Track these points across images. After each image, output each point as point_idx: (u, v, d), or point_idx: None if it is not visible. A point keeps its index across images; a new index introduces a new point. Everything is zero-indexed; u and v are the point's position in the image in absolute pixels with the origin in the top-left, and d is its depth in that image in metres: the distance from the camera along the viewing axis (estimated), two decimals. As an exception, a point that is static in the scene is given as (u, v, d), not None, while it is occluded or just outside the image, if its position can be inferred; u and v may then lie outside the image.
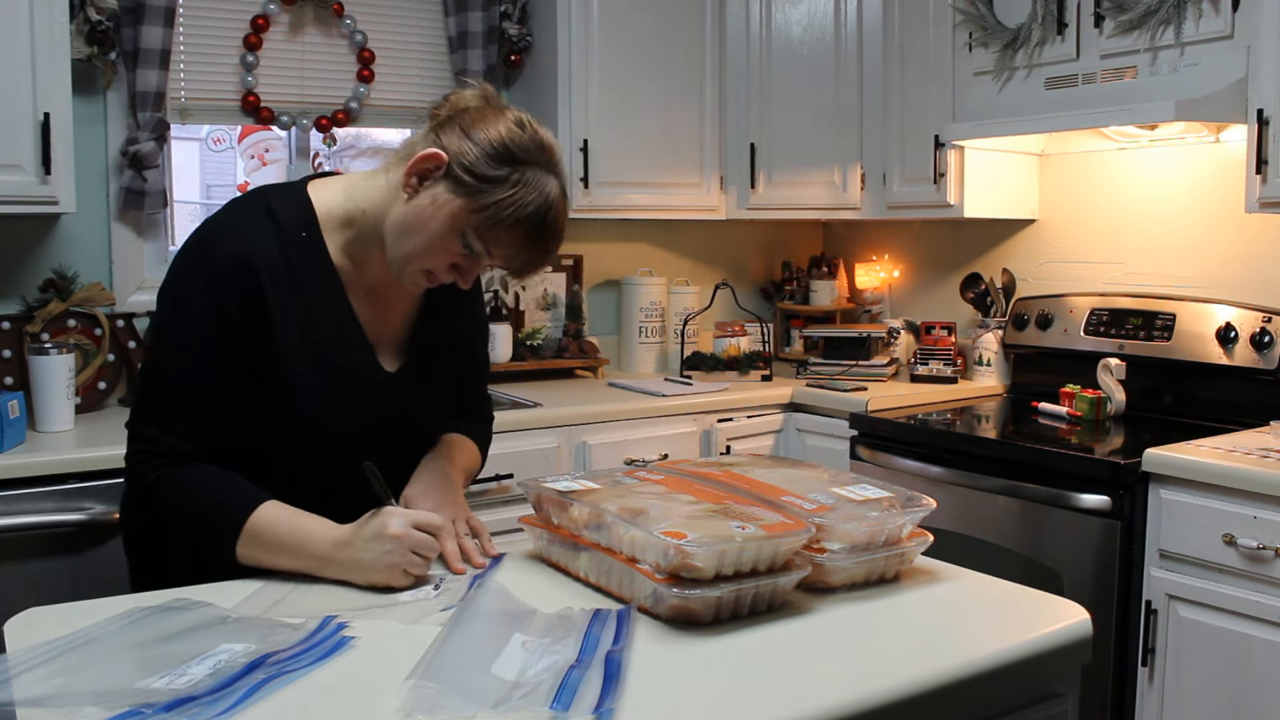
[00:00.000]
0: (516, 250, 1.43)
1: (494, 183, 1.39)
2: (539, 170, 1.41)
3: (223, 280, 1.41)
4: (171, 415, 1.43)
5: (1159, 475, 2.35)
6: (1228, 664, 2.24)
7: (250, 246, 1.43)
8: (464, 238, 1.42)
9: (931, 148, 3.20)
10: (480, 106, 1.46)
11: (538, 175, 1.41)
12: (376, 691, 1.08)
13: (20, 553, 2.19)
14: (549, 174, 1.42)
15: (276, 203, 1.49)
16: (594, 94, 3.28)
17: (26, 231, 2.78)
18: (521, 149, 1.40)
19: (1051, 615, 1.33)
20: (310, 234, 1.48)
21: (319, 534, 1.39)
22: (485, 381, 1.83)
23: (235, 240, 1.44)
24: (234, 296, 1.41)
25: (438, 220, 1.41)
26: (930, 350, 3.42)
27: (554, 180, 1.42)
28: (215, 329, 1.41)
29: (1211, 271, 2.94)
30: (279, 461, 1.48)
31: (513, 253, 1.43)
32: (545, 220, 1.42)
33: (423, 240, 1.43)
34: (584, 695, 1.04)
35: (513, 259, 1.45)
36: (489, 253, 1.43)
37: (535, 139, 1.42)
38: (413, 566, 1.36)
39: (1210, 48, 2.58)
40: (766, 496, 1.42)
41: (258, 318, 1.42)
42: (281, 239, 1.45)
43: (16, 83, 2.41)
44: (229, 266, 1.42)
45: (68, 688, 1.04)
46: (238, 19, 3.05)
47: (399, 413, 1.56)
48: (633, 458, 2.96)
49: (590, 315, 3.62)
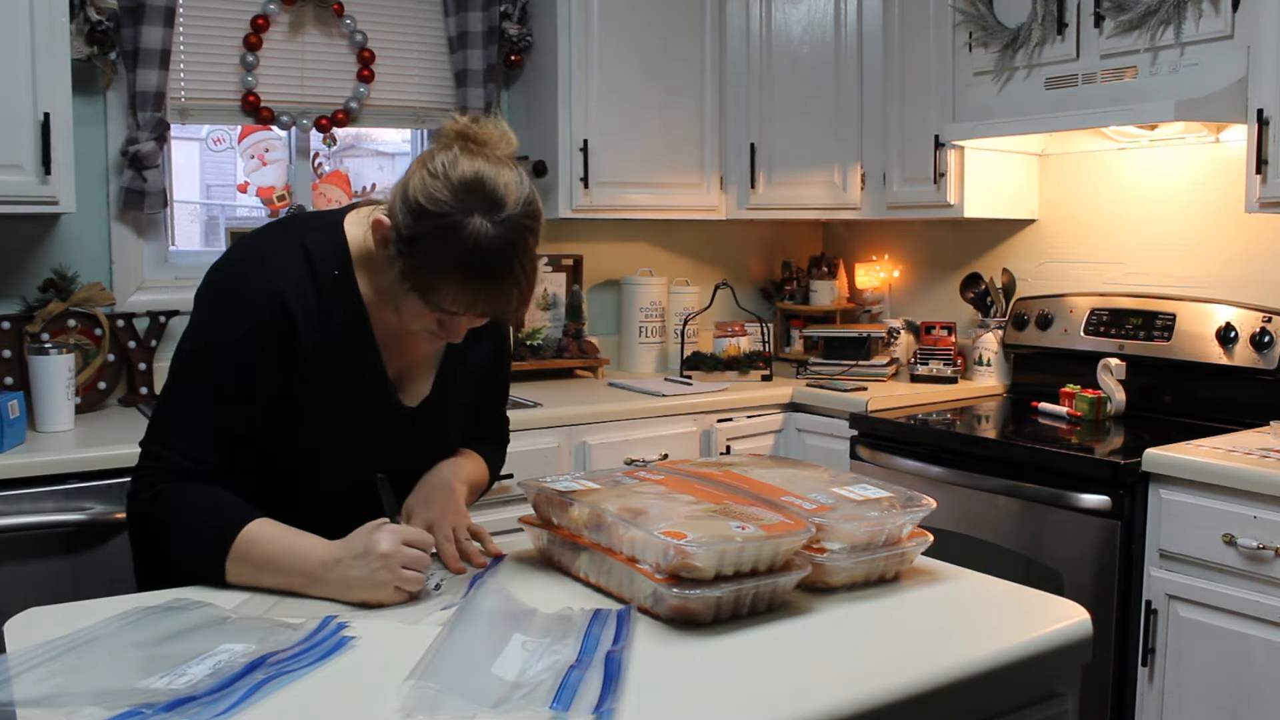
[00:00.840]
0: (466, 299, 1.36)
1: (414, 243, 1.34)
2: (458, 215, 1.32)
3: (255, 317, 1.41)
4: (183, 437, 1.43)
5: (1159, 475, 2.35)
6: (1228, 664, 2.24)
7: (284, 286, 1.43)
8: (425, 301, 1.38)
9: (931, 148, 3.20)
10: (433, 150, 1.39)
11: (456, 221, 1.32)
12: (376, 691, 1.08)
13: (20, 553, 2.19)
14: (470, 214, 1.32)
15: (311, 237, 1.48)
16: (594, 94, 3.28)
17: (26, 231, 2.78)
18: (434, 200, 1.33)
19: (1051, 615, 1.33)
20: (343, 272, 1.47)
21: (308, 552, 1.37)
22: (504, 404, 1.82)
23: (272, 277, 1.43)
24: (265, 335, 1.42)
25: (402, 291, 1.39)
26: (930, 350, 3.42)
27: (477, 219, 1.32)
28: (243, 364, 1.42)
29: (1211, 271, 2.94)
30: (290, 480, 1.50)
31: (464, 302, 1.37)
32: (473, 264, 1.33)
33: (399, 306, 1.43)
34: (584, 695, 1.04)
35: (486, 307, 1.38)
36: (459, 309, 1.38)
37: (450, 184, 1.33)
38: (404, 583, 1.33)
39: (1210, 48, 2.58)
40: (766, 496, 1.42)
41: (285, 358, 1.43)
42: (315, 277, 1.45)
43: (16, 83, 2.41)
44: (262, 305, 1.42)
45: (68, 688, 1.04)
46: (238, 19, 3.05)
47: (414, 449, 1.58)
48: (633, 458, 2.96)
49: (590, 315, 3.62)
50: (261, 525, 1.40)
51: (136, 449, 1.48)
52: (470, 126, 1.40)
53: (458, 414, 1.65)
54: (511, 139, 1.42)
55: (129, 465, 1.52)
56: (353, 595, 1.34)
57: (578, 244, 3.64)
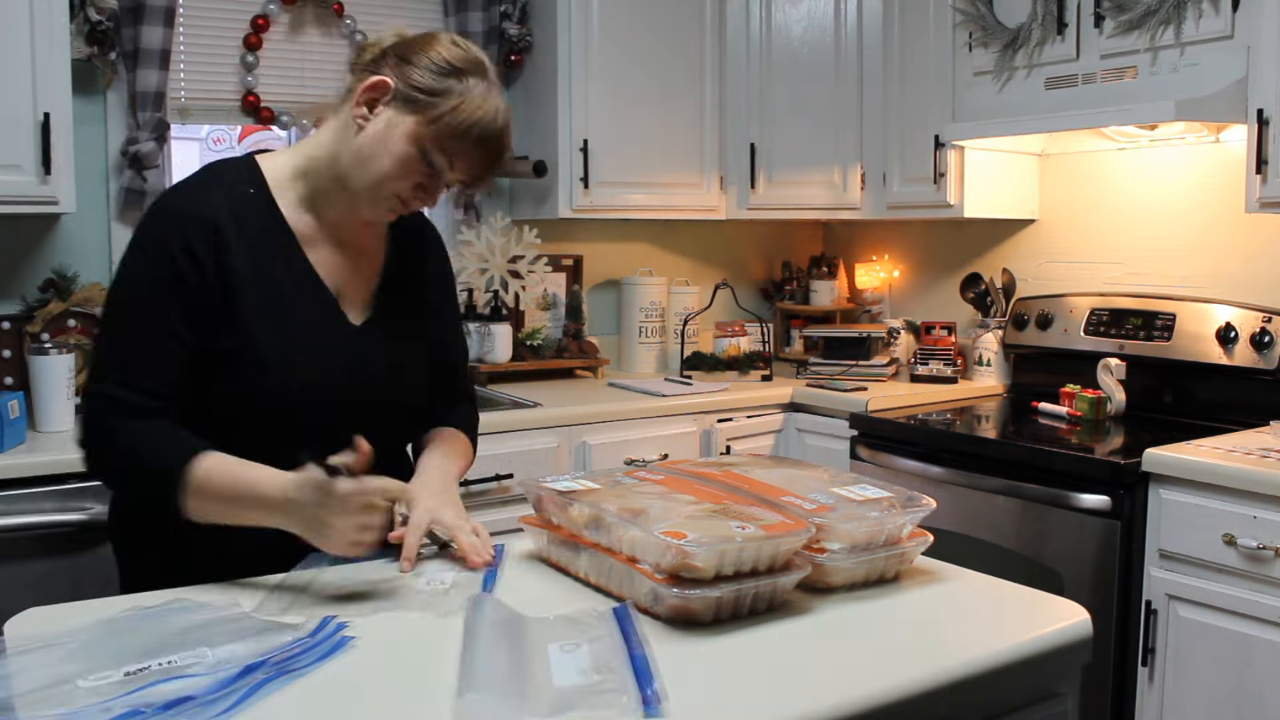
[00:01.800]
0: (475, 158, 1.47)
1: (444, 95, 1.45)
2: (481, 80, 1.47)
3: (174, 237, 1.42)
4: (128, 371, 1.41)
5: (1159, 475, 2.35)
6: (1228, 664, 2.24)
7: (199, 205, 1.45)
8: (424, 154, 1.45)
9: (931, 148, 3.20)
10: (406, 38, 1.51)
11: (482, 85, 1.47)
12: (376, 691, 1.08)
13: (20, 553, 2.19)
14: (491, 84, 1.49)
15: (222, 168, 1.54)
16: (594, 94, 3.28)
17: (26, 231, 2.78)
18: (463, 62, 1.47)
19: (1051, 615, 1.33)
20: (258, 189, 1.50)
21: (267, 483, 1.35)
22: (463, 355, 1.80)
23: (185, 202, 1.47)
24: (185, 251, 1.42)
25: (394, 140, 1.45)
26: (930, 350, 3.42)
27: (496, 90, 1.49)
28: (169, 283, 1.41)
29: (1211, 271, 2.94)
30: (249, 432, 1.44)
31: (471, 162, 1.48)
32: (496, 125, 1.47)
33: (384, 163, 1.46)
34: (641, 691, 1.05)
35: (472, 169, 1.49)
36: (450, 165, 1.47)
37: (472, 55, 1.49)
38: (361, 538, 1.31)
39: (1210, 48, 2.58)
40: (766, 496, 1.42)
41: (212, 272, 1.43)
42: (231, 199, 1.47)
43: (16, 83, 2.41)
44: (179, 225, 1.43)
45: (67, 687, 1.04)
46: (238, 19, 3.05)
47: (369, 369, 1.54)
48: (633, 458, 2.96)
49: (590, 315, 3.62)
50: (213, 458, 1.38)
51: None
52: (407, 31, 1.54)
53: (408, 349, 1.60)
54: None
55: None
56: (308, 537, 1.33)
57: (578, 244, 3.64)
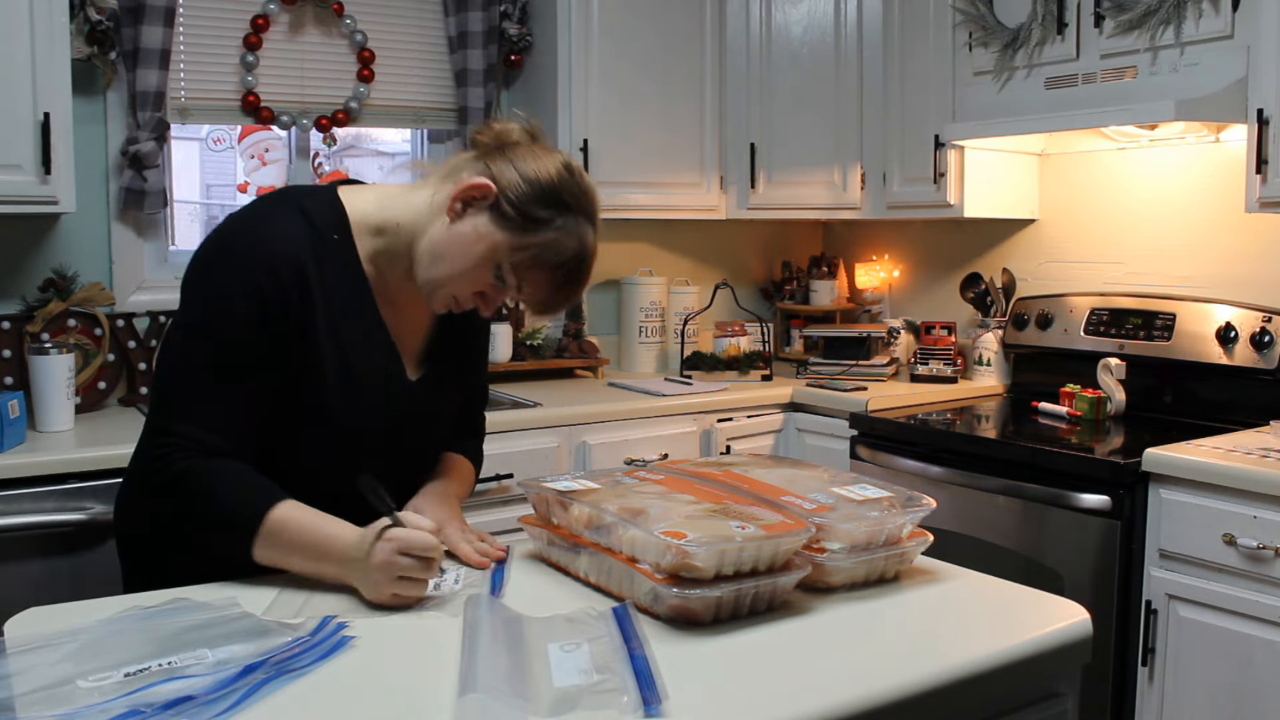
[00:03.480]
0: (548, 292, 1.45)
1: (539, 224, 1.41)
2: (581, 219, 1.43)
3: (260, 274, 1.39)
4: (203, 411, 1.39)
5: (1159, 475, 2.35)
6: (1228, 664, 2.24)
7: (288, 245, 1.41)
8: (498, 270, 1.42)
9: (931, 148, 3.20)
10: (528, 143, 1.46)
11: (579, 224, 1.43)
12: (376, 691, 1.08)
13: (20, 553, 2.19)
14: (588, 223, 1.44)
15: (309, 203, 1.47)
16: (594, 94, 3.28)
17: (26, 231, 2.78)
18: (569, 194, 1.42)
19: (1051, 615, 1.34)
20: (342, 236, 1.47)
21: (339, 538, 1.36)
22: (485, 394, 1.84)
23: (271, 235, 1.42)
24: (273, 290, 1.39)
25: (477, 250, 1.41)
26: (930, 350, 3.42)
27: (591, 230, 1.44)
28: (254, 323, 1.39)
29: (1211, 271, 2.94)
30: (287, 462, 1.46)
31: (543, 294, 1.45)
32: (580, 268, 1.44)
33: (458, 267, 1.43)
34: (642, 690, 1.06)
35: (540, 299, 1.46)
36: (519, 289, 1.44)
37: (581, 186, 1.44)
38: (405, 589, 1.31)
39: (1210, 48, 2.58)
40: (766, 496, 1.42)
41: (295, 313, 1.41)
42: (315, 238, 1.44)
43: (16, 83, 2.41)
44: (267, 261, 1.39)
45: (67, 687, 1.04)
46: (238, 19, 3.05)
47: (413, 419, 1.56)
48: (633, 458, 2.96)
49: (590, 315, 3.62)
50: (291, 507, 1.38)
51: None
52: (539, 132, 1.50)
53: (448, 400, 1.64)
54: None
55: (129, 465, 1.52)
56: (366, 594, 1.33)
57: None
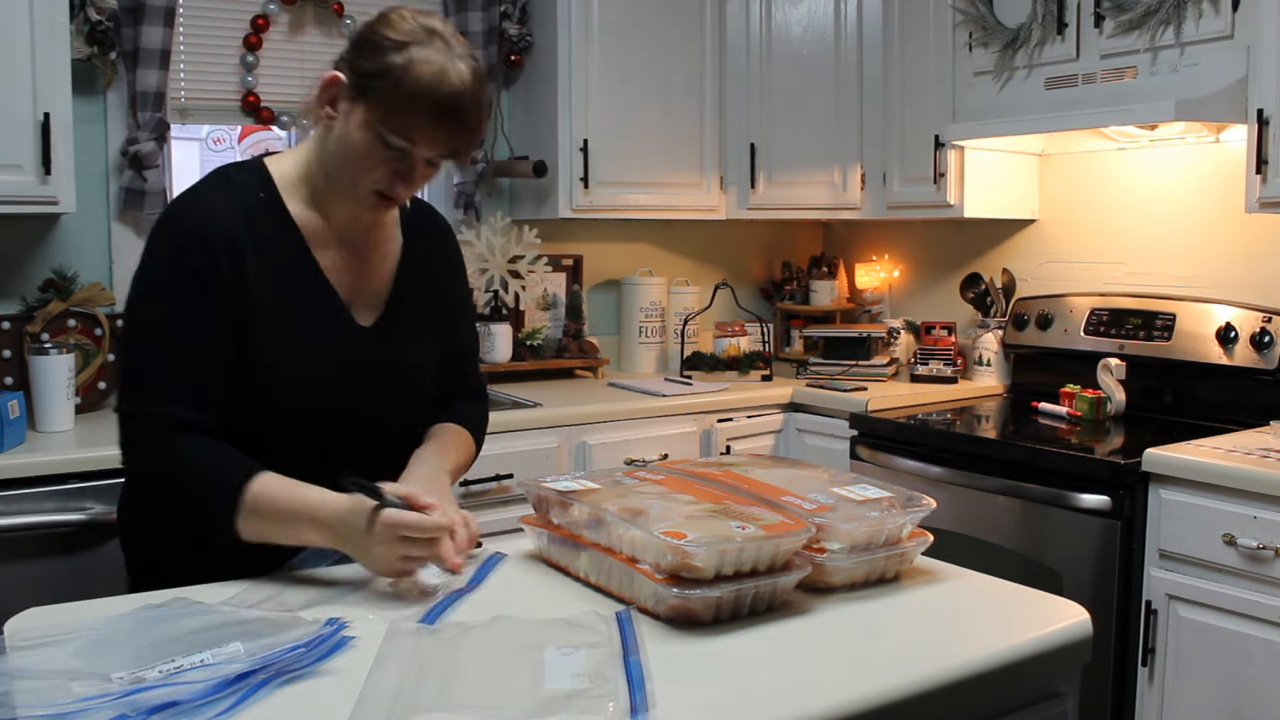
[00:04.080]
0: (432, 129, 1.40)
1: (380, 74, 1.39)
2: (425, 47, 1.40)
3: (190, 245, 1.42)
4: (160, 386, 1.41)
5: (1159, 475, 2.34)
6: (1228, 664, 2.24)
7: (212, 211, 1.45)
8: (381, 138, 1.41)
9: (931, 148, 3.20)
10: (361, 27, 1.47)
11: (426, 51, 1.39)
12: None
13: (20, 553, 2.19)
14: (434, 45, 1.40)
15: (232, 172, 1.53)
16: (594, 94, 3.28)
17: (26, 231, 2.78)
18: (406, 34, 1.40)
19: (1051, 615, 1.33)
20: (268, 194, 1.50)
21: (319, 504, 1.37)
22: (474, 351, 1.81)
23: (198, 207, 1.47)
24: (202, 258, 1.42)
25: (353, 132, 1.42)
26: (930, 350, 3.42)
27: (443, 50, 1.40)
28: (190, 293, 1.42)
29: (1211, 271, 2.94)
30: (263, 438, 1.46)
31: (431, 134, 1.41)
32: (444, 90, 1.39)
33: (351, 158, 1.44)
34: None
35: (437, 142, 1.42)
36: (412, 142, 1.41)
37: (416, 24, 1.42)
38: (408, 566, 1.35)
39: (1210, 48, 2.58)
40: (766, 496, 1.42)
41: (229, 277, 1.43)
42: (241, 202, 1.47)
43: (16, 83, 2.41)
44: (194, 231, 1.43)
45: (66, 687, 1.04)
46: (238, 19, 3.05)
47: (374, 370, 1.54)
48: (633, 458, 2.96)
49: (590, 315, 3.62)
50: (268, 479, 1.38)
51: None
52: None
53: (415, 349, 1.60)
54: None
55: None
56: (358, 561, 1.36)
57: (578, 244, 3.64)
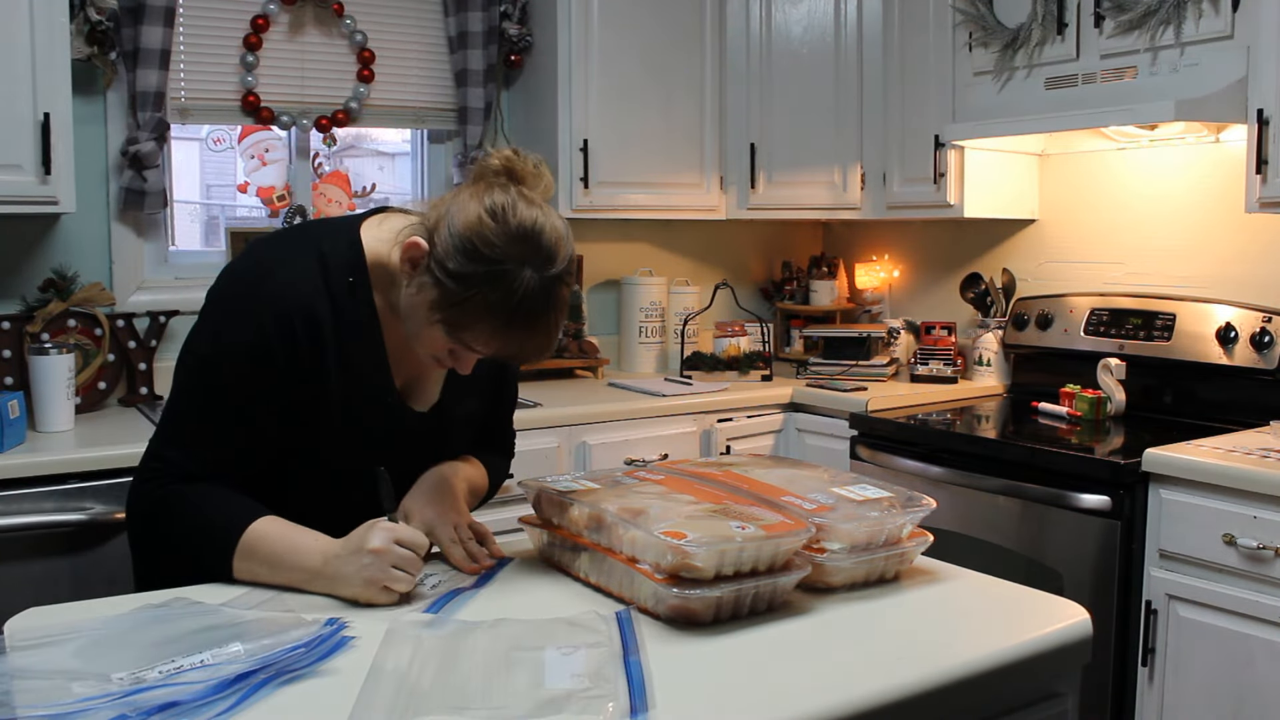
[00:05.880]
0: (504, 345, 1.37)
1: (460, 280, 1.32)
2: (512, 264, 1.31)
3: (270, 326, 1.40)
4: (192, 440, 1.43)
5: (1159, 475, 2.34)
6: (1228, 664, 2.24)
7: (300, 293, 1.42)
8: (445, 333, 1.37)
9: (931, 148, 3.20)
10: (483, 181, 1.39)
11: (510, 270, 1.31)
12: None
13: (20, 553, 2.19)
14: (524, 265, 1.32)
15: (328, 245, 1.46)
16: (594, 94, 3.28)
17: (26, 231, 2.78)
18: (490, 244, 1.31)
19: (1051, 615, 1.33)
20: (358, 279, 1.46)
21: (310, 548, 1.38)
22: (511, 418, 1.81)
23: (286, 284, 1.42)
24: (280, 343, 1.41)
25: (419, 312, 1.38)
26: (930, 350, 3.42)
27: (529, 271, 1.32)
28: (257, 373, 1.41)
29: (1211, 271, 2.94)
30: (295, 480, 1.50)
31: (495, 346, 1.37)
32: (532, 312, 1.34)
33: (414, 329, 1.41)
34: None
35: (499, 351, 1.38)
36: (471, 350, 1.38)
37: (507, 230, 1.32)
38: (394, 583, 1.32)
39: (1210, 48, 2.58)
40: (766, 496, 1.42)
41: (304, 357, 1.42)
42: (330, 285, 1.44)
43: (16, 83, 2.41)
44: (277, 313, 1.41)
45: (67, 687, 1.04)
46: (238, 19, 3.05)
47: (420, 452, 1.57)
48: (633, 458, 2.96)
49: (590, 315, 3.62)
50: (267, 522, 1.40)
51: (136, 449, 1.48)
52: (514, 160, 1.40)
53: (465, 423, 1.64)
54: (551, 183, 1.44)
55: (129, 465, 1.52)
56: (343, 591, 1.34)
57: (578, 244, 3.58)
